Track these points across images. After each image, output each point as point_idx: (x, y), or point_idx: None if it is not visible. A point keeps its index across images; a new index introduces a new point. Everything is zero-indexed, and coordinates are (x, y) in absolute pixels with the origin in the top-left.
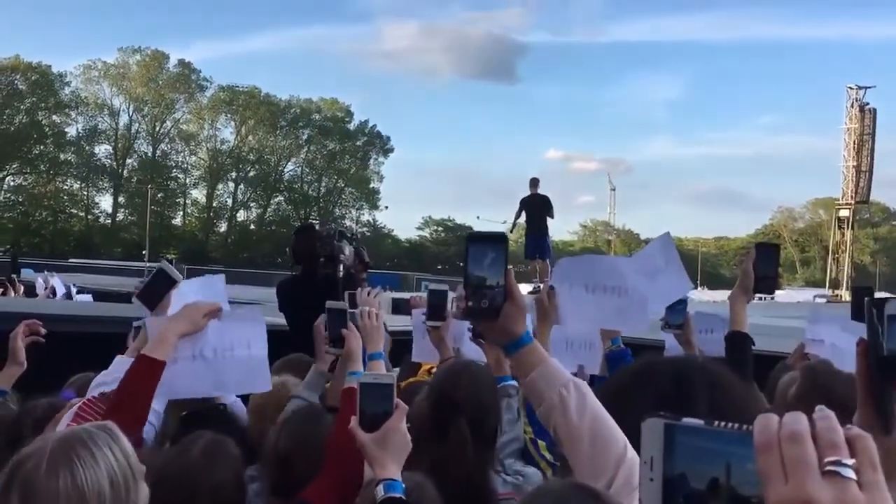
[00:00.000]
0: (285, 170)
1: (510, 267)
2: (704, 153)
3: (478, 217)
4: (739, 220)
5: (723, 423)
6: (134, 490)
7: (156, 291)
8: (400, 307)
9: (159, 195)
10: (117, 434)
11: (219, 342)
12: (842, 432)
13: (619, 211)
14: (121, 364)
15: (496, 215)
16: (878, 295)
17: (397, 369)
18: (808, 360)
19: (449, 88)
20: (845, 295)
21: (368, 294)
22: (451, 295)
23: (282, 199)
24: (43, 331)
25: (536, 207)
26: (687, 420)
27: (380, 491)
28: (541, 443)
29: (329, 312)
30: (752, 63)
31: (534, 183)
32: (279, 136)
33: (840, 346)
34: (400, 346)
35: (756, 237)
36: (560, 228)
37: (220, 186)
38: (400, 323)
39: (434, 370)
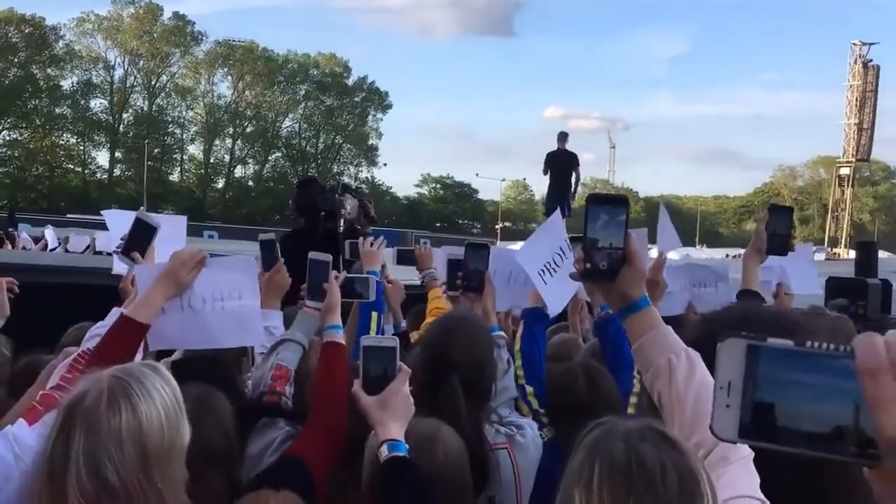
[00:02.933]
0: (283, 126)
1: (630, 230)
2: (705, 111)
3: (476, 174)
4: (739, 179)
5: (816, 344)
6: (183, 423)
7: (139, 242)
8: (404, 259)
9: (156, 150)
10: (162, 370)
11: (208, 292)
12: None
13: (618, 169)
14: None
15: (495, 172)
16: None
17: (404, 322)
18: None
19: (447, 44)
20: (843, 253)
21: (371, 245)
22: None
23: (279, 155)
24: (16, 288)
25: (561, 164)
26: (773, 340)
27: (384, 451)
28: (528, 388)
29: (310, 263)
30: (755, 18)
31: (561, 137)
32: (276, 91)
33: (789, 268)
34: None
35: (755, 196)
36: None
37: (217, 142)
38: (403, 275)
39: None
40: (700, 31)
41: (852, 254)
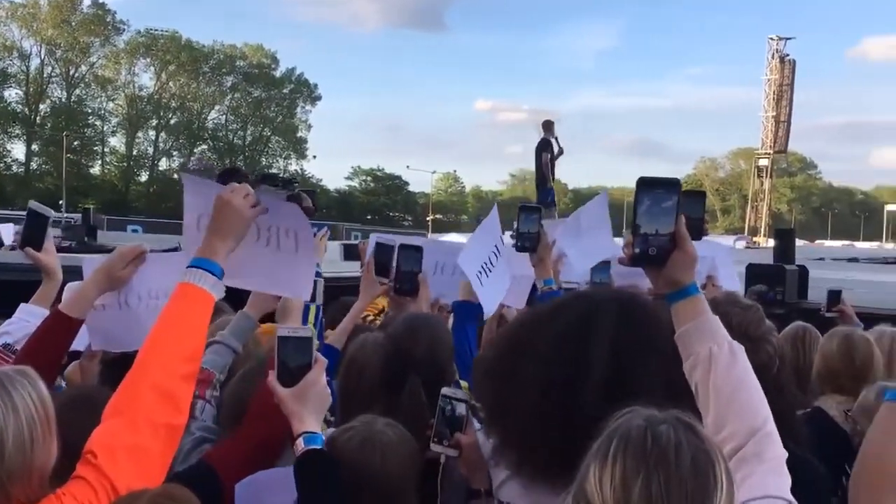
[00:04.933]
0: (209, 118)
1: (681, 215)
2: (632, 104)
3: (407, 167)
4: (664, 170)
5: None
6: (49, 440)
7: (36, 233)
8: (351, 254)
9: (75, 143)
10: (36, 379)
11: (144, 289)
12: None
13: None
14: (25, 312)
15: (426, 164)
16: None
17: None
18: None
19: (377, 37)
20: (762, 241)
21: (314, 235)
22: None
23: (206, 147)
24: None
25: (537, 153)
26: None
27: (300, 444)
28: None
29: None
30: (680, 14)
31: (544, 126)
32: (202, 82)
33: (719, 261)
34: (345, 291)
35: (691, 188)
36: (489, 178)
37: (140, 134)
38: (351, 269)
39: (385, 312)
40: (626, 26)
41: (771, 242)
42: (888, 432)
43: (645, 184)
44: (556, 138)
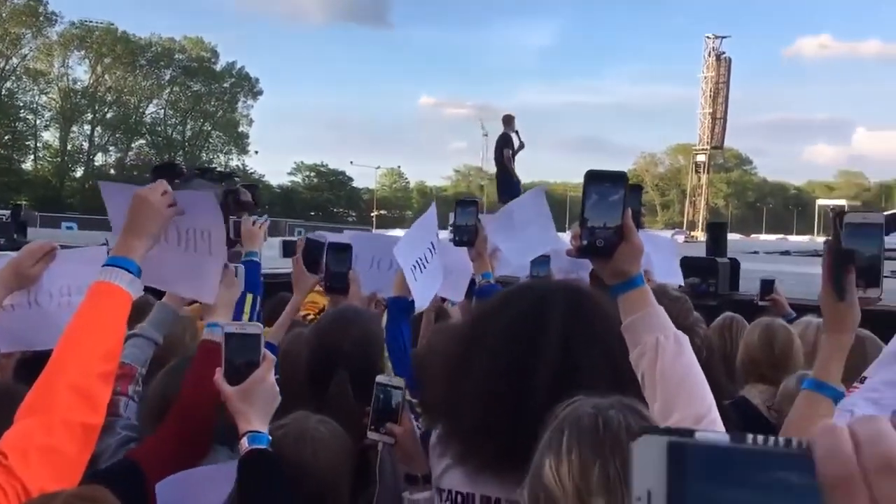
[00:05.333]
0: (147, 112)
1: (628, 207)
2: (573, 100)
3: (351, 162)
4: (606, 166)
5: (760, 438)
6: None
7: None
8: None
9: (6, 138)
10: None
11: (56, 286)
12: None
13: (491, 156)
14: None
15: (370, 160)
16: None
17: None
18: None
19: (320, 32)
20: (700, 235)
21: (254, 224)
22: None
23: (144, 142)
24: None
25: (497, 148)
26: (701, 436)
27: (244, 443)
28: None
29: None
30: (619, 12)
31: (504, 121)
32: (139, 76)
33: (655, 256)
34: (284, 287)
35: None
36: (433, 173)
37: (74, 129)
38: (289, 266)
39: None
40: (567, 24)
41: None
42: (805, 420)
43: (593, 177)
44: (517, 132)
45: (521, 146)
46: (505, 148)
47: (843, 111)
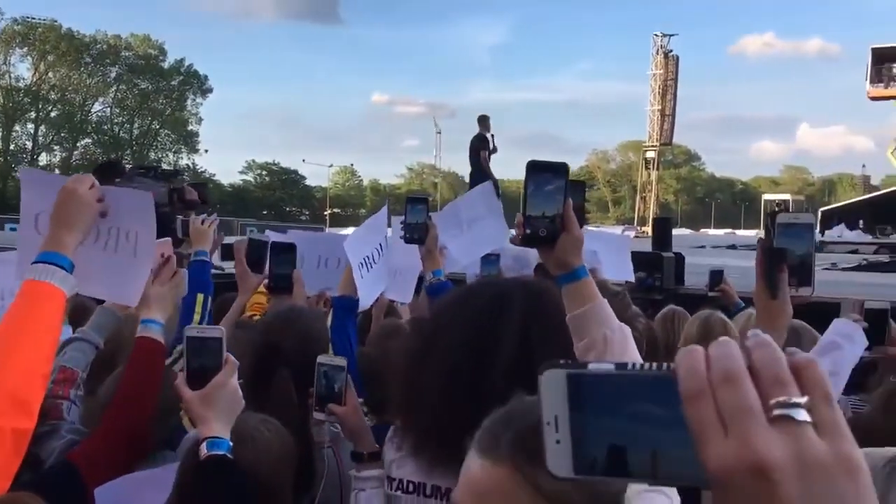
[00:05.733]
0: (92, 110)
1: (569, 198)
2: (525, 98)
3: (303, 160)
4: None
5: (637, 365)
6: None
7: None
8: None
9: None
10: None
11: None
12: (785, 361)
13: (444, 154)
14: None
15: (323, 158)
16: (676, 231)
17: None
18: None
19: (271, 29)
20: (650, 231)
21: (202, 223)
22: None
23: (90, 141)
24: None
25: (473, 147)
26: (594, 366)
27: (202, 450)
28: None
29: None
30: (569, 10)
31: (479, 122)
32: (84, 73)
33: (602, 251)
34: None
35: (572, 178)
36: (386, 171)
37: (17, 127)
38: (228, 267)
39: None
40: (519, 22)
41: None
42: None
43: (534, 168)
44: (493, 135)
45: (495, 150)
46: (481, 149)
47: (788, 108)
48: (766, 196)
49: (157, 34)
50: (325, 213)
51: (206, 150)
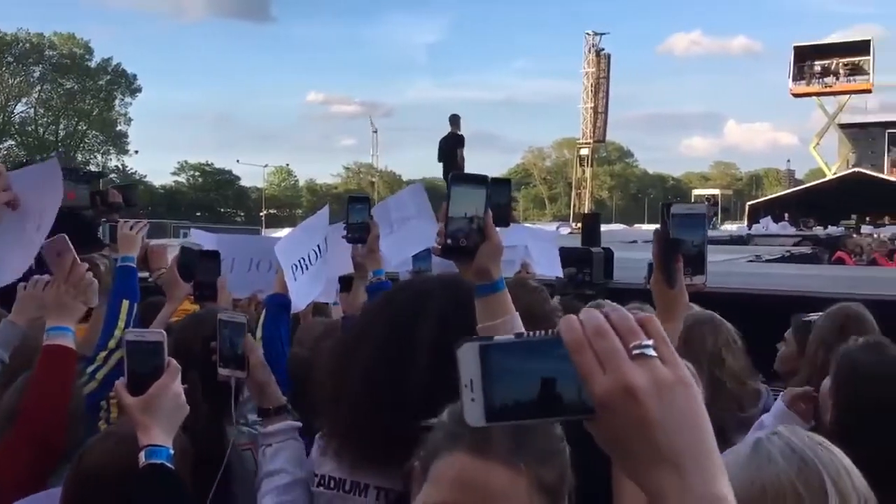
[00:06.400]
0: (15, 111)
1: (489, 209)
2: (462, 96)
3: (238, 161)
4: (497, 160)
5: (531, 333)
6: None
7: None
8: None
9: None
10: None
11: None
12: (633, 318)
13: (381, 153)
14: None
15: (257, 158)
16: (605, 227)
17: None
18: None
19: (201, 27)
20: None
21: (131, 228)
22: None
23: (13, 143)
24: None
25: (450, 147)
26: (499, 338)
27: (141, 458)
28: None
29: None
30: (504, 8)
31: (452, 121)
32: (5, 73)
33: (532, 248)
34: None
35: (509, 175)
36: (323, 171)
37: None
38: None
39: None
40: (455, 20)
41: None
42: None
43: (456, 178)
44: (462, 136)
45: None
46: (458, 147)
47: (715, 105)
48: (696, 191)
49: (83, 33)
50: (261, 213)
51: (136, 152)
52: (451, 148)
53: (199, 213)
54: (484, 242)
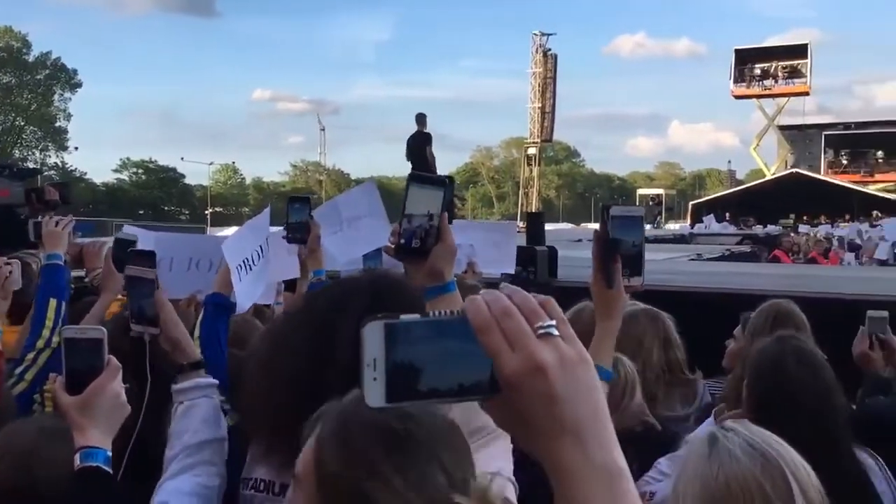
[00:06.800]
0: None
1: (445, 212)
2: (410, 95)
3: (182, 158)
4: (445, 159)
5: (438, 312)
6: None
7: None
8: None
9: None
10: None
11: None
12: (535, 300)
13: (329, 151)
14: None
15: (202, 156)
16: (552, 226)
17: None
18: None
19: (144, 21)
20: None
21: (57, 224)
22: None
23: None
24: None
25: (418, 146)
26: (405, 316)
27: (76, 460)
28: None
29: None
30: (454, 7)
31: (418, 120)
32: None
33: (479, 246)
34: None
35: (459, 175)
36: (270, 169)
37: None
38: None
39: None
40: (403, 18)
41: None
42: None
43: (413, 179)
44: (430, 134)
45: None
46: (428, 146)
47: (660, 106)
48: (641, 191)
49: (20, 26)
50: (207, 212)
51: (77, 148)
52: (419, 146)
53: (142, 212)
54: (438, 244)
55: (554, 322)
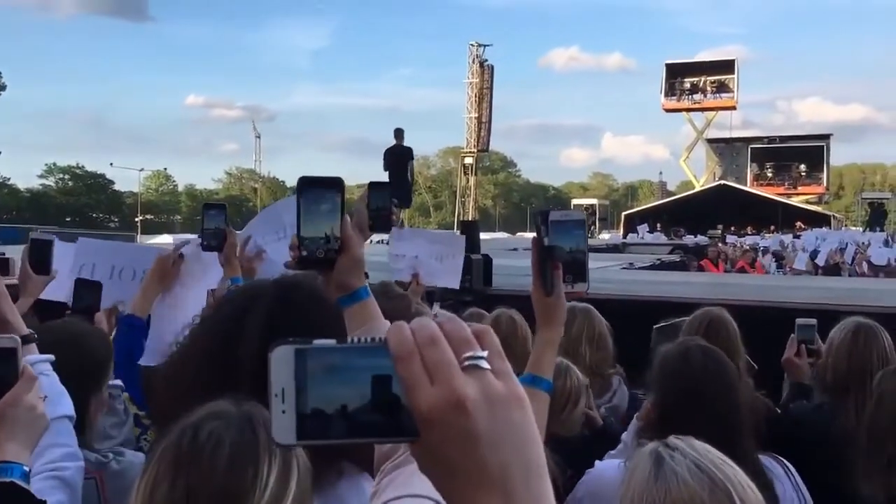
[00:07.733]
0: None
1: (346, 216)
2: (347, 103)
3: (111, 164)
4: (380, 168)
5: (356, 339)
6: None
7: None
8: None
9: None
10: None
11: None
12: (468, 328)
13: (264, 159)
14: None
15: (133, 162)
16: (489, 235)
17: None
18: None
19: (72, 24)
20: None
21: None
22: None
23: None
24: None
25: (398, 159)
26: (318, 342)
27: None
28: (125, 395)
29: None
30: (388, 17)
31: (397, 134)
32: None
33: (423, 258)
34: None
35: (379, 181)
36: (203, 176)
37: None
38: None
39: None
40: (340, 27)
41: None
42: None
43: (307, 183)
44: (410, 148)
45: None
46: (409, 159)
47: (593, 118)
48: (576, 201)
49: None
50: (137, 219)
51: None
52: (399, 160)
53: (69, 219)
54: (342, 255)
55: (485, 354)
